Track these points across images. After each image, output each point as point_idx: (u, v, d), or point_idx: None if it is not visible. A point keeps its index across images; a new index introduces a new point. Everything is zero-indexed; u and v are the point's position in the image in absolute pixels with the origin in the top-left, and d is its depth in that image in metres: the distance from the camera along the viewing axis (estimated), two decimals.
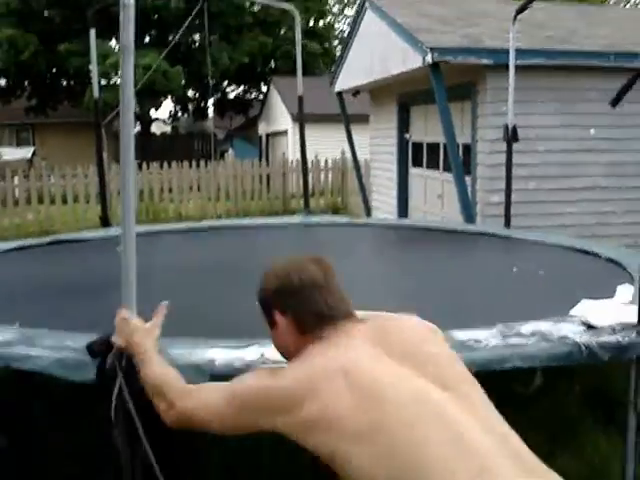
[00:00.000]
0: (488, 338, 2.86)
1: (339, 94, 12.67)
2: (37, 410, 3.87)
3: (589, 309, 3.14)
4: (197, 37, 25.94)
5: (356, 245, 6.02)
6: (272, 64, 27.19)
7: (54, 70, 24.80)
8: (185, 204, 16.02)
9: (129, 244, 2.42)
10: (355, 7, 11.87)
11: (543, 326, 3.01)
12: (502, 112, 7.16)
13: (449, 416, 1.52)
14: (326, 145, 17.92)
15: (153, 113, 27.45)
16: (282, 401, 1.65)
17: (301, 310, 1.80)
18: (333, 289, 1.83)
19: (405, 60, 8.90)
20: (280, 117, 23.36)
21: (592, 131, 8.61)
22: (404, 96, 11.17)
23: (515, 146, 7.06)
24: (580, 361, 2.89)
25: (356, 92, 12.63)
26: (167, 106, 29.59)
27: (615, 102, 3.36)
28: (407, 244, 6.11)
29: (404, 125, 11.55)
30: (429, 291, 4.13)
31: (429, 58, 7.96)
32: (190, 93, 27.91)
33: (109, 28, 22.06)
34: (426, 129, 10.72)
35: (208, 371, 2.48)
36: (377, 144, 12.83)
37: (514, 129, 6.57)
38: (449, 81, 8.32)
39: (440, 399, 1.56)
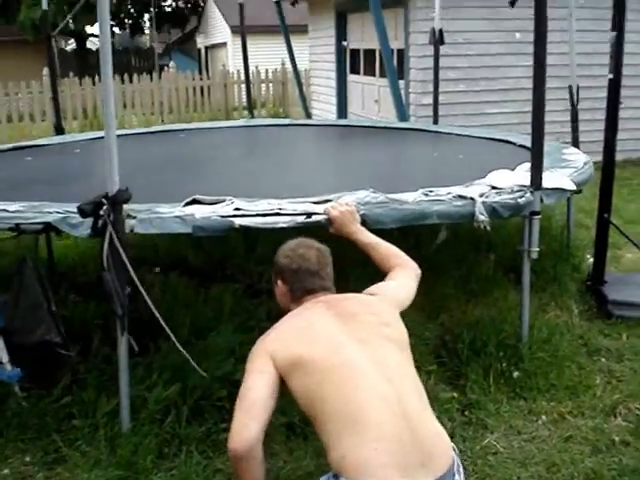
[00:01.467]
0: (414, 198, 3.49)
1: (277, 2, 12.86)
2: None
3: (494, 176, 3.81)
4: None
5: (299, 140, 6.63)
6: None
7: None
8: (129, 118, 16.19)
9: (110, 134, 2.93)
10: None
11: (456, 189, 3.66)
12: (432, 17, 7.58)
13: (355, 364, 2.24)
14: (266, 57, 18.14)
15: (89, 29, 26.80)
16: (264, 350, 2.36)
17: (295, 285, 2.56)
18: (322, 273, 2.58)
19: None
20: (218, 29, 23.29)
21: (517, 35, 9.19)
22: (341, 4, 11.52)
23: (445, 49, 7.58)
24: (483, 222, 3.52)
25: (294, 1, 12.86)
26: None
27: (512, 3, 3.94)
28: (345, 138, 6.75)
29: (342, 33, 11.95)
30: (365, 171, 4.79)
31: None
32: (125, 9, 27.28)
33: None
34: (363, 36, 11.15)
35: (190, 223, 3.07)
36: (316, 52, 13.22)
37: (440, 32, 7.05)
38: None
39: (354, 351, 2.28)
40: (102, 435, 3.23)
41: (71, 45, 29.93)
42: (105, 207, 2.95)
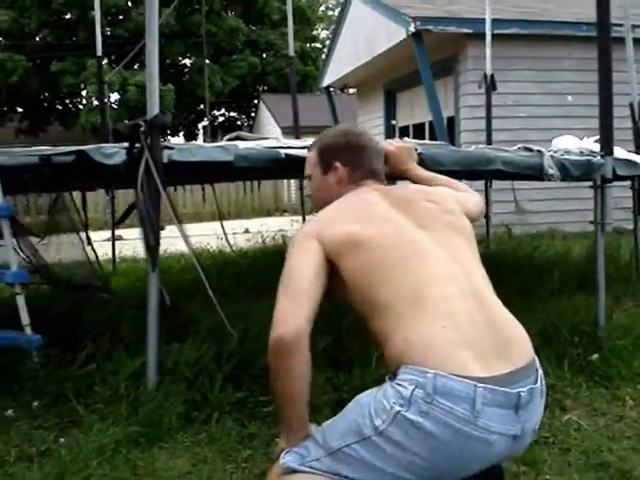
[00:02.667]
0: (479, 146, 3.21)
1: (327, 89, 13.14)
2: None
3: (560, 140, 3.52)
4: (187, 61, 26.60)
5: None
6: (261, 86, 27.73)
7: (46, 93, 25.21)
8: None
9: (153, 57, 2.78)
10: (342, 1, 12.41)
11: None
12: (480, 80, 7.39)
13: (419, 243, 1.87)
14: None
15: None
16: (308, 233, 1.92)
17: (356, 164, 2.15)
18: (370, 152, 2.19)
19: (389, 36, 9.38)
20: (270, 132, 23.81)
21: (569, 98, 9.08)
22: (390, 83, 11.64)
23: (495, 112, 7.42)
24: (553, 176, 3.23)
25: (343, 87, 13.12)
26: None
27: None
28: None
29: (391, 113, 12.00)
30: None
31: (412, 28, 8.42)
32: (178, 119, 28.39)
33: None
34: (412, 112, 11.17)
35: (233, 151, 2.83)
36: None
37: (492, 77, 6.91)
38: (432, 58, 8.77)
39: (416, 233, 1.90)
40: (124, 395, 2.87)
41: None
42: (142, 129, 2.74)
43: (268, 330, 3.41)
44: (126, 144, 2.83)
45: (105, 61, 24.15)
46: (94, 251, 3.35)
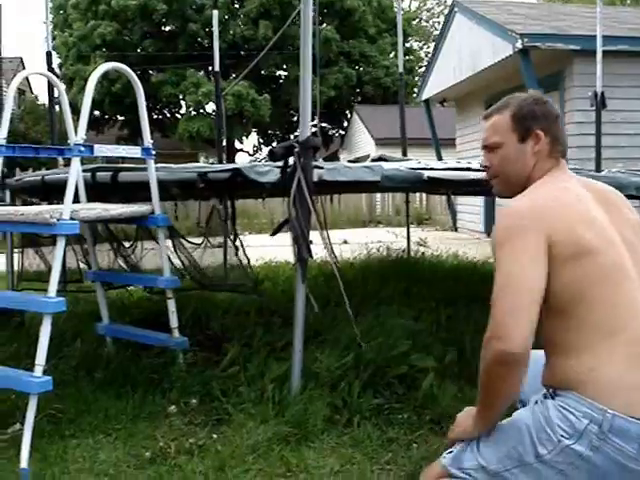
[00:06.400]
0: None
1: (426, 102, 13.24)
2: None
3: None
4: (282, 72, 27.18)
5: None
6: (356, 97, 27.98)
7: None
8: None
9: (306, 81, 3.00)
10: (444, 17, 12.50)
11: None
12: (589, 97, 7.30)
13: (628, 267, 1.78)
14: None
15: (238, 145, 28.69)
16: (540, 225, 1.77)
17: (558, 137, 1.99)
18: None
19: (495, 52, 9.42)
20: (363, 143, 24.09)
21: None
22: (491, 99, 11.62)
23: (603, 128, 7.34)
24: None
25: (442, 101, 13.19)
26: (252, 140, 30.67)
27: None
28: None
29: None
30: None
31: (519, 44, 8.45)
32: (272, 129, 28.98)
33: (200, 59, 23.56)
34: None
35: (379, 172, 3.01)
36: (464, 150, 13.27)
37: (602, 95, 6.84)
38: (537, 73, 8.76)
39: (624, 252, 1.80)
40: (270, 398, 3.08)
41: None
42: (296, 150, 2.95)
43: (398, 342, 3.55)
44: (280, 163, 3.06)
45: (201, 72, 25.06)
46: (246, 255, 3.66)
